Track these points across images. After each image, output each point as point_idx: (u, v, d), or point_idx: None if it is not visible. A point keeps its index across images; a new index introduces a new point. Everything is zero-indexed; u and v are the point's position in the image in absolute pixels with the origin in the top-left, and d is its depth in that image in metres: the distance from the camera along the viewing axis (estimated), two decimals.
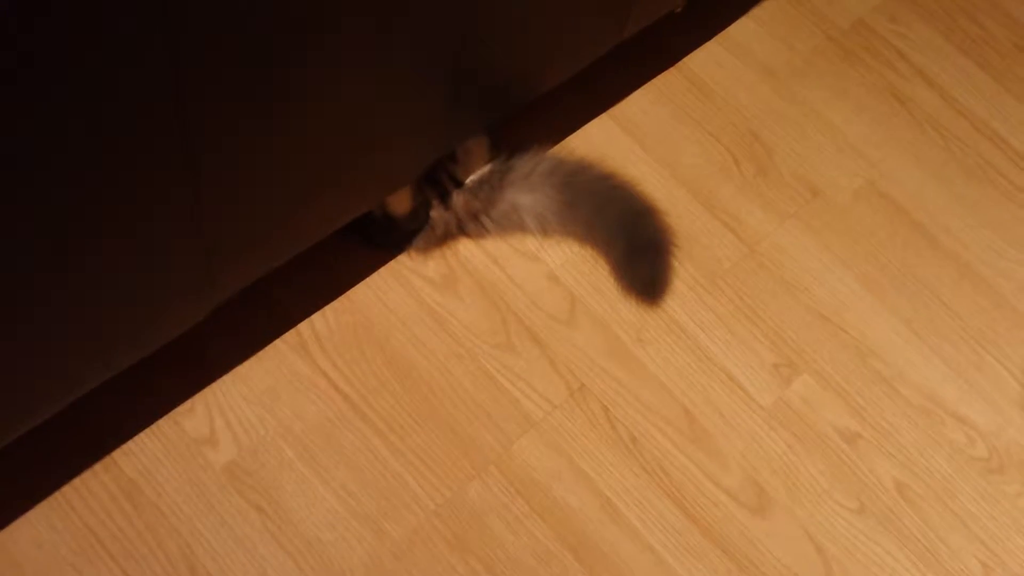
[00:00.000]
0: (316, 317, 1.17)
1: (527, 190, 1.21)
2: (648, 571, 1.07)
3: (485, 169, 1.19)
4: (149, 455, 1.09)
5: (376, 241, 1.21)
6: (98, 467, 1.08)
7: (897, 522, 1.11)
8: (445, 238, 1.22)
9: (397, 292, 1.19)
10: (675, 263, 1.22)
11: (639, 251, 1.23)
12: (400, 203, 1.16)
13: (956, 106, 1.37)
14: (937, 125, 1.35)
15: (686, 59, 1.36)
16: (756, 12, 1.41)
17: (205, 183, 0.83)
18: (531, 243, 1.23)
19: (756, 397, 1.16)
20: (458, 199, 1.18)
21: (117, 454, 1.08)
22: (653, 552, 1.08)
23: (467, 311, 1.18)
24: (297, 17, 0.76)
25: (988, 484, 1.14)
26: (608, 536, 1.08)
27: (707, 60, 1.37)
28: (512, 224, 1.22)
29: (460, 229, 1.21)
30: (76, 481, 1.07)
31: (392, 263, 1.21)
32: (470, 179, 1.19)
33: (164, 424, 1.10)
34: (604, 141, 1.29)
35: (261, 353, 1.15)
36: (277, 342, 1.15)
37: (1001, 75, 1.41)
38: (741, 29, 1.39)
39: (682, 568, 1.07)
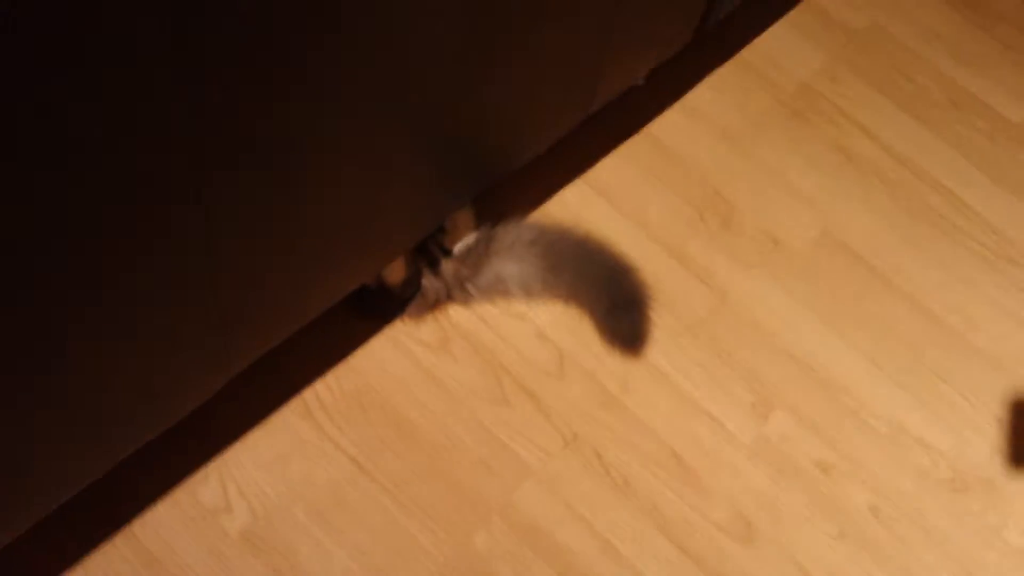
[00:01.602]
0: (319, 384, 1.23)
1: (511, 259, 1.29)
2: None
3: (471, 237, 1.27)
4: (167, 526, 1.13)
5: (372, 311, 1.28)
6: (118, 539, 1.12)
7: (874, 543, 1.19)
8: (436, 304, 1.29)
9: (395, 357, 1.26)
10: (653, 315, 1.31)
11: (620, 308, 1.31)
12: (394, 273, 1.23)
13: (897, 156, 1.49)
14: (881, 175, 1.47)
15: (650, 125, 1.46)
16: (710, 80, 1.52)
17: (221, 268, 0.90)
18: (518, 304, 1.30)
19: (737, 435, 1.24)
20: (447, 267, 1.26)
21: (136, 526, 1.13)
22: None
23: (462, 371, 1.25)
24: (300, 115, 0.84)
25: (954, 503, 1.23)
26: (608, 574, 1.15)
27: (669, 125, 1.47)
28: (498, 292, 1.30)
29: (449, 296, 1.29)
30: (96, 554, 1.11)
31: (388, 330, 1.27)
32: (458, 247, 1.26)
33: (179, 495, 1.15)
34: (579, 204, 1.38)
35: (268, 421, 1.20)
36: (283, 410, 1.21)
37: (936, 126, 1.53)
38: (698, 96, 1.50)
39: None
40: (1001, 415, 1.29)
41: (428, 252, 1.25)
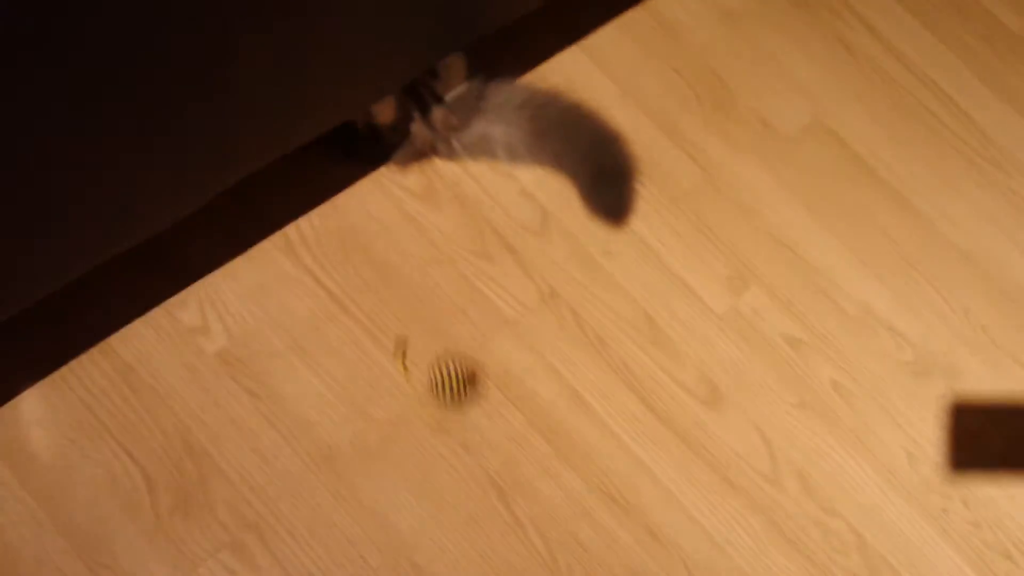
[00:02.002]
0: (302, 221, 1.24)
1: (499, 121, 1.29)
2: (612, 454, 1.16)
3: (463, 87, 1.27)
4: (145, 342, 1.15)
5: (359, 154, 1.28)
6: (95, 352, 1.14)
7: (834, 416, 1.23)
8: (423, 154, 1.29)
9: (379, 201, 1.26)
10: (640, 186, 1.32)
11: (605, 178, 1.32)
12: (385, 112, 1.23)
13: (896, 54, 1.49)
14: (879, 71, 1.47)
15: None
16: None
17: (216, 89, 0.90)
18: (503, 165, 1.31)
19: (711, 305, 1.27)
20: (437, 114, 1.26)
21: (114, 340, 1.14)
22: (616, 438, 1.17)
23: (446, 221, 1.26)
24: None
25: (914, 385, 1.26)
26: (576, 424, 1.18)
27: (672, 1, 1.46)
28: (483, 151, 1.30)
29: (435, 149, 1.29)
30: (74, 364, 1.13)
31: (374, 174, 1.28)
32: (449, 95, 1.26)
33: (158, 314, 1.17)
34: (574, 70, 1.38)
35: (249, 252, 1.21)
36: (264, 243, 1.22)
37: (939, 29, 1.53)
38: None
39: (642, 452, 1.17)
40: (969, 307, 1.32)
41: (419, 96, 1.25)
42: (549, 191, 1.30)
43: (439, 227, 1.26)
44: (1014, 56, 1.54)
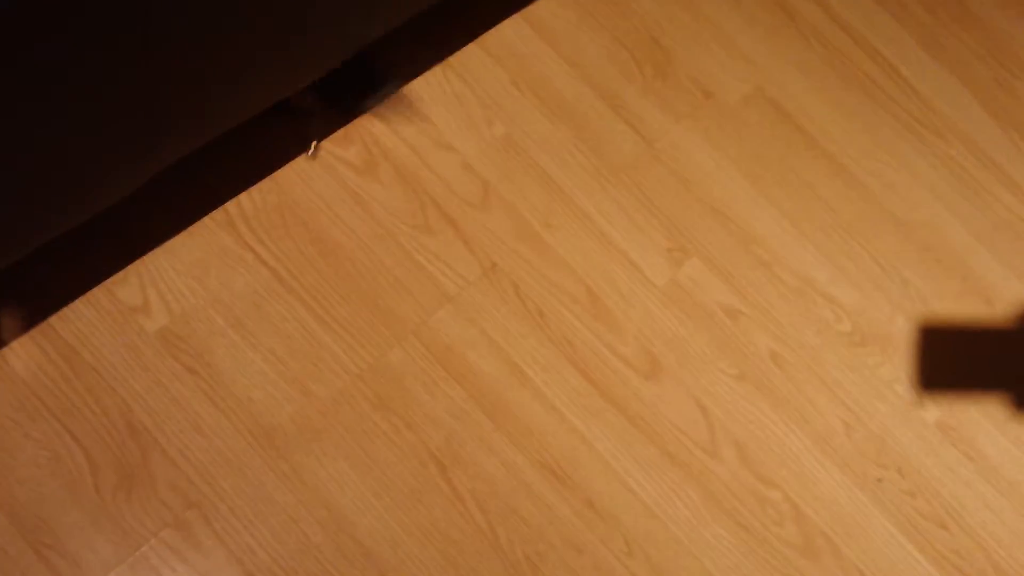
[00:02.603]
0: (243, 197, 1.23)
1: None
2: (552, 428, 1.18)
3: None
4: (85, 321, 1.14)
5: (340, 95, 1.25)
6: (35, 332, 1.13)
7: (771, 386, 1.25)
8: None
9: (320, 175, 1.26)
10: (581, 156, 1.32)
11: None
12: None
13: (838, 21, 1.49)
14: (821, 38, 1.48)
15: None
16: None
17: (155, 60, 0.89)
18: (448, 133, 1.31)
19: (651, 278, 1.28)
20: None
21: (54, 319, 1.14)
22: (556, 411, 1.19)
23: (387, 195, 1.26)
24: None
25: (852, 355, 1.29)
26: (517, 398, 1.19)
27: None
28: None
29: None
30: (14, 344, 1.12)
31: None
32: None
33: (98, 293, 1.16)
34: (516, 40, 1.38)
35: (190, 229, 1.21)
36: (205, 219, 1.22)
37: None
38: None
39: (583, 425, 1.19)
40: (907, 277, 1.34)
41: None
42: (490, 163, 1.30)
43: (380, 201, 1.26)
44: (957, 24, 1.55)
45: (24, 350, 1.12)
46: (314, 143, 1.25)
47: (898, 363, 1.29)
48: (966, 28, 1.55)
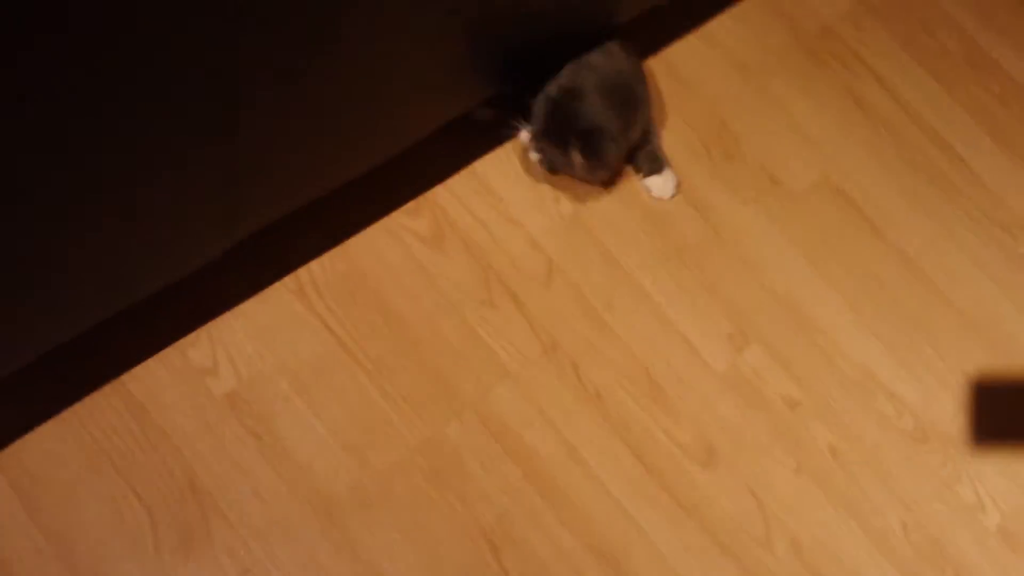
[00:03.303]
0: (314, 264, 1.26)
1: None
2: (605, 512, 1.18)
3: None
4: (156, 380, 1.18)
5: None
6: (107, 389, 1.17)
7: (829, 481, 1.24)
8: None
9: (389, 245, 1.28)
10: (645, 237, 1.33)
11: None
12: None
13: (907, 109, 1.49)
14: (889, 126, 1.47)
15: (666, 50, 1.47)
16: (733, 10, 1.52)
17: (242, 139, 0.93)
18: (514, 208, 1.32)
19: (711, 363, 1.28)
20: None
21: (126, 378, 1.17)
22: (610, 496, 1.19)
23: (452, 267, 1.28)
24: None
25: (913, 453, 1.27)
26: (571, 479, 1.19)
27: (686, 51, 1.47)
28: None
29: None
30: (87, 400, 1.16)
31: (385, 219, 1.30)
32: None
33: (170, 353, 1.19)
34: None
35: (262, 294, 1.24)
36: (277, 284, 1.25)
37: (951, 84, 1.53)
38: (719, 25, 1.50)
39: (636, 511, 1.19)
40: (971, 374, 1.33)
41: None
42: (556, 241, 1.32)
43: (446, 274, 1.28)
44: None
45: (96, 406, 1.15)
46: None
47: (960, 463, 1.28)
48: None
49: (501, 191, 1.34)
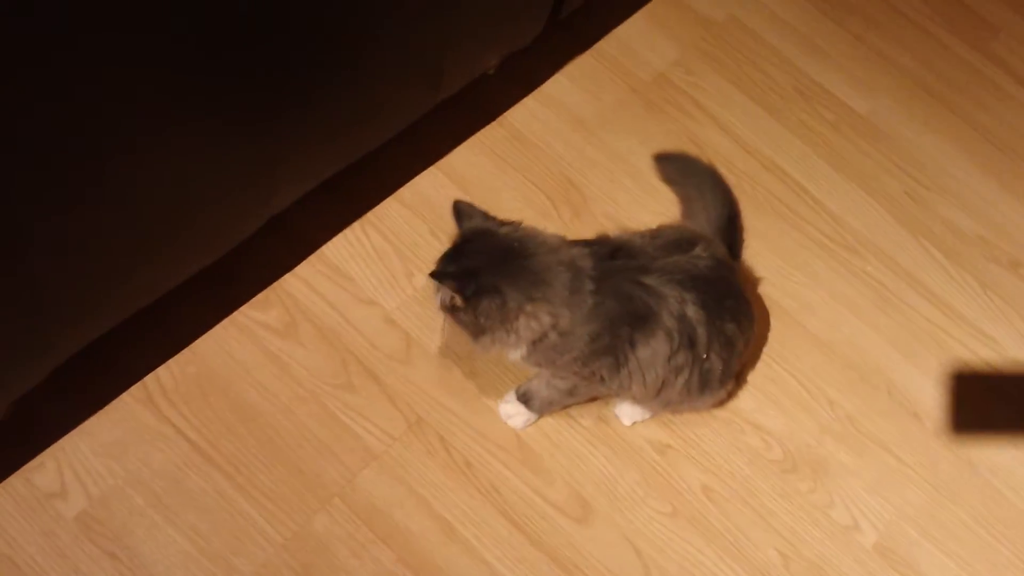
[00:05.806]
0: (161, 370, 1.23)
1: None
2: None
3: None
4: (1, 511, 1.12)
5: None
6: None
7: (705, 522, 1.24)
8: None
9: (240, 341, 1.26)
10: None
11: None
12: None
13: (746, 147, 1.53)
14: (730, 165, 1.51)
15: (506, 113, 1.48)
16: (567, 69, 1.55)
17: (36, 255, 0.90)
18: (368, 289, 1.31)
19: (577, 418, 1.28)
20: None
21: None
22: (488, 565, 1.17)
23: (308, 355, 1.26)
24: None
25: (783, 483, 1.28)
26: (447, 554, 1.17)
27: (524, 113, 1.49)
28: None
29: None
30: None
31: (235, 314, 1.28)
32: None
33: (14, 481, 1.14)
34: (433, 191, 1.40)
35: (107, 408, 1.20)
36: (123, 396, 1.21)
37: (785, 117, 1.58)
38: (554, 84, 1.53)
39: None
40: (833, 397, 1.35)
41: None
42: (412, 316, 1.31)
43: (302, 362, 1.26)
44: (860, 137, 1.59)
45: None
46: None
47: (831, 487, 1.29)
48: (872, 143, 1.59)
49: (351, 272, 1.33)
